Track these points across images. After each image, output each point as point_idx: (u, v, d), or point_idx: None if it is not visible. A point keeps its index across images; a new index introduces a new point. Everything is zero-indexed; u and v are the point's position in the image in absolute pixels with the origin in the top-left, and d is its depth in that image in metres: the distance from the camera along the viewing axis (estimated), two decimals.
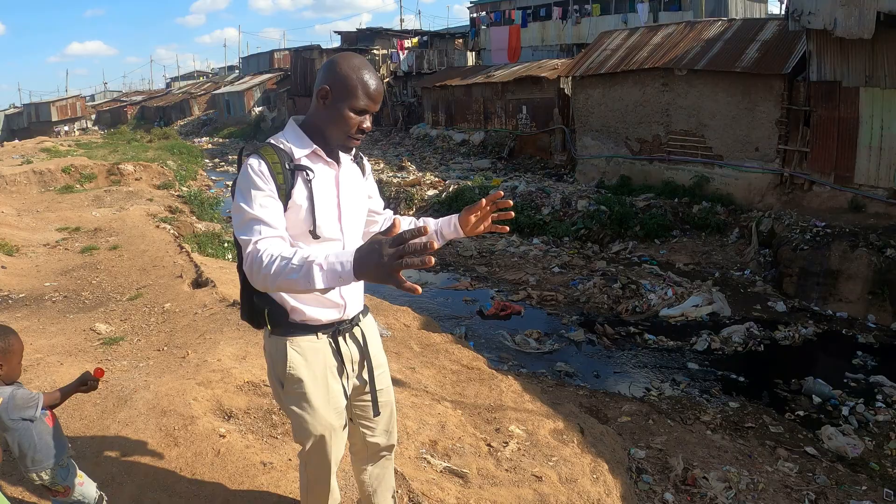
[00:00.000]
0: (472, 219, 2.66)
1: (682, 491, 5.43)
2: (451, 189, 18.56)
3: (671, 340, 9.30)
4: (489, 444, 4.77)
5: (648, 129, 16.51)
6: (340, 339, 2.61)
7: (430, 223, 2.76)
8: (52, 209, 14.48)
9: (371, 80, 2.34)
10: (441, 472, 4.23)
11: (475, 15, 31.24)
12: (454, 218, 2.71)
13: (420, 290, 1.82)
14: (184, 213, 14.69)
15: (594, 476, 4.60)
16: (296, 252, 2.03)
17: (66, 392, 3.17)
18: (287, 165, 2.36)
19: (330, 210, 2.45)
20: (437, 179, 20.25)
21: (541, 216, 15.28)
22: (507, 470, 4.44)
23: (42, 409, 2.91)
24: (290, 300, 2.50)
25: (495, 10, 29.70)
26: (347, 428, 2.77)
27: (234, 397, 4.71)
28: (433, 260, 1.72)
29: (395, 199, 18.59)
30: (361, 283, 2.53)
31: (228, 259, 10.91)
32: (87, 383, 3.19)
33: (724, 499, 5.33)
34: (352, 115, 2.34)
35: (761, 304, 10.43)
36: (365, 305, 2.76)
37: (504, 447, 4.77)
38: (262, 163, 2.31)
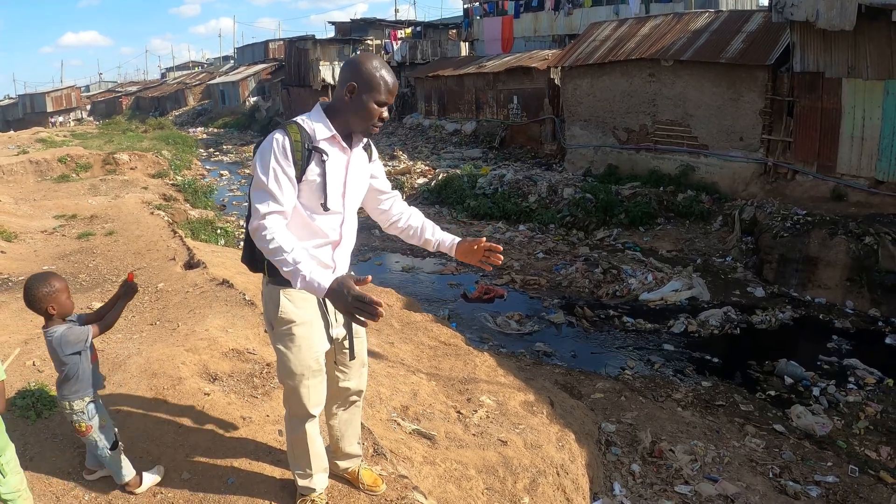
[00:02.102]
0: (468, 248, 3.01)
1: (648, 463, 5.54)
2: (440, 177, 18.65)
3: (649, 323, 9.38)
4: (459, 412, 4.92)
5: (636, 119, 16.55)
6: None
7: (431, 231, 3.11)
8: (48, 198, 14.59)
9: (390, 78, 2.71)
10: (410, 433, 4.38)
11: (469, 5, 31.16)
12: (455, 240, 3.08)
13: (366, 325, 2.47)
14: (178, 201, 14.83)
15: (560, 444, 4.71)
16: (293, 248, 2.56)
17: (110, 310, 3.39)
18: (307, 145, 2.72)
19: (336, 189, 2.80)
20: (427, 168, 20.31)
21: (527, 204, 15.36)
22: (474, 434, 4.58)
23: (90, 343, 3.17)
24: None
25: (489, 0, 29.66)
26: (325, 381, 3.04)
27: (219, 362, 4.93)
28: (378, 320, 2.34)
29: None
30: (349, 247, 2.97)
31: (221, 244, 11.22)
32: (127, 292, 3.39)
33: (689, 470, 5.43)
34: (374, 106, 2.69)
35: (741, 290, 10.51)
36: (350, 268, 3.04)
37: (473, 414, 4.91)
38: (286, 139, 2.68)
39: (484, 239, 3.01)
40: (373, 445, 3.88)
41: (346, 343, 3.11)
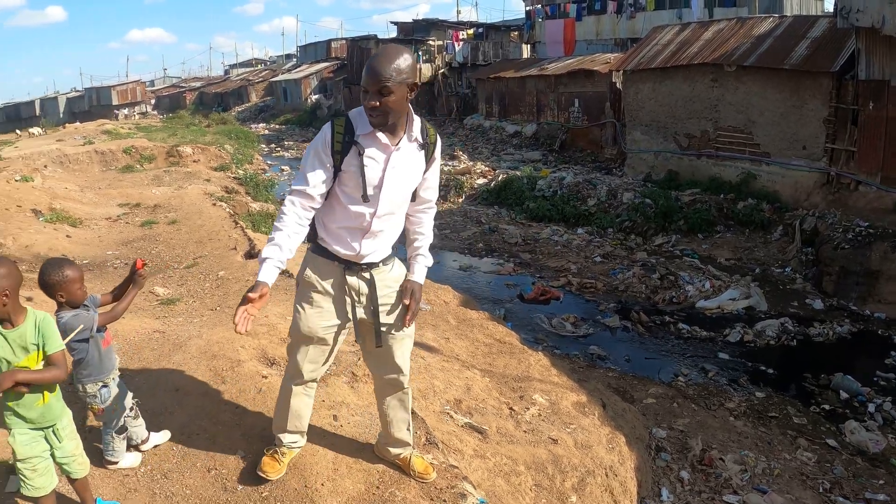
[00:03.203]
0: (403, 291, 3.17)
1: (698, 470, 5.57)
2: (499, 178, 18.77)
3: (705, 331, 9.34)
4: (511, 408, 4.99)
5: (697, 125, 16.37)
6: (350, 272, 3.09)
7: (413, 254, 3.25)
8: (113, 186, 14.89)
9: (372, 65, 2.75)
10: (462, 426, 4.46)
11: (531, 7, 31.06)
12: (409, 277, 3.20)
13: (243, 330, 2.71)
14: (239, 194, 14.98)
15: (610, 446, 4.79)
16: (284, 230, 2.91)
17: (120, 295, 3.50)
18: (347, 137, 2.89)
19: (370, 181, 2.91)
20: (487, 169, 20.43)
21: (586, 207, 15.39)
22: (525, 431, 4.66)
23: (98, 329, 3.27)
24: (323, 231, 3.11)
25: (551, 3, 29.56)
26: (328, 352, 3.24)
27: (277, 348, 5.03)
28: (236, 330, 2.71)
29: (445, 186, 18.83)
30: (383, 240, 3.11)
31: None
32: (134, 278, 3.50)
33: (738, 480, 5.46)
34: (362, 95, 2.80)
35: (799, 301, 10.37)
36: (394, 263, 3.20)
37: (525, 412, 4.99)
38: (330, 129, 2.90)
39: (407, 301, 3.15)
40: (425, 435, 3.97)
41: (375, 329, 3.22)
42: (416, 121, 3.03)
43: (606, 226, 14.41)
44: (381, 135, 2.88)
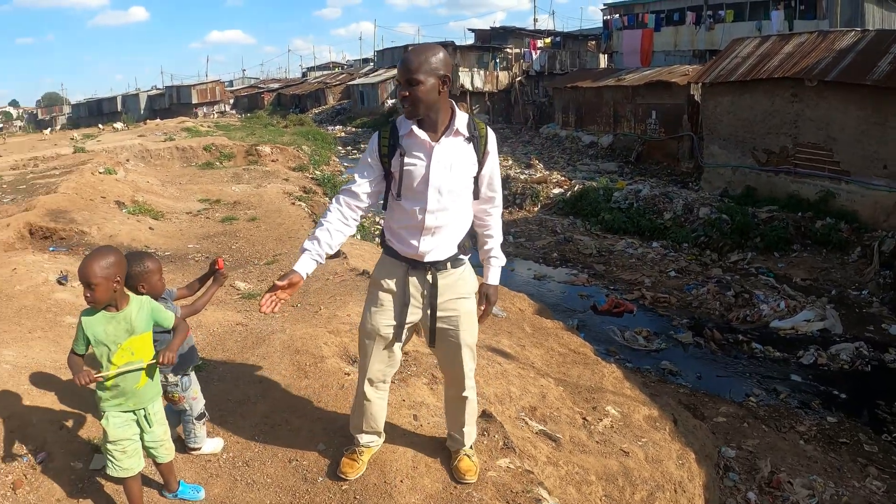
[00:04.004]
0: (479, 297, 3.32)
1: (765, 492, 5.61)
2: (576, 189, 18.77)
3: (778, 352, 9.30)
4: (584, 418, 5.04)
5: (776, 140, 16.12)
6: (414, 272, 3.20)
7: (485, 255, 3.39)
8: (193, 182, 15.04)
9: (401, 58, 2.98)
10: (536, 433, 4.50)
11: (608, 17, 30.90)
12: (485, 282, 3.37)
13: (268, 311, 2.99)
14: (317, 194, 14.96)
15: (680, 462, 4.90)
16: (325, 224, 3.15)
17: (199, 288, 3.69)
18: (392, 141, 3.07)
19: (415, 179, 3.05)
20: (563, 179, 20.48)
21: (662, 221, 15.32)
22: (597, 442, 4.72)
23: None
24: (388, 233, 3.27)
25: (629, 12, 29.38)
26: (393, 351, 3.32)
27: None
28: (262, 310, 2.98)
29: (521, 195, 18.99)
30: (443, 237, 3.16)
31: (357, 238, 11.27)
32: (215, 272, 3.65)
33: None
34: (397, 89, 3.07)
35: (875, 326, 10.18)
36: (463, 268, 3.28)
37: (598, 422, 5.04)
38: (377, 136, 3.14)
39: (483, 308, 3.31)
40: (503, 439, 3.97)
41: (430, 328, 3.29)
42: (461, 115, 3.08)
43: (682, 240, 14.34)
44: (420, 132, 2.99)
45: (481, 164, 3.13)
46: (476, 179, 3.16)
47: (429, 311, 3.23)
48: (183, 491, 3.48)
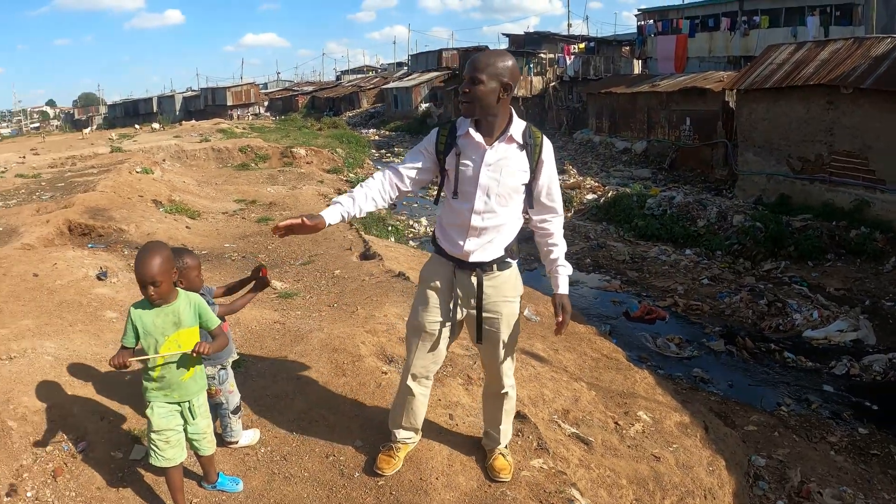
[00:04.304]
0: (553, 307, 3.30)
1: (795, 502, 5.60)
2: (609, 195, 18.84)
3: (810, 361, 9.27)
4: (616, 423, 5.09)
5: (811, 148, 15.99)
6: (460, 271, 3.27)
7: (551, 265, 3.36)
8: (229, 183, 15.18)
9: (471, 57, 3.13)
10: (569, 436, 4.55)
11: (642, 22, 30.74)
12: (554, 291, 3.31)
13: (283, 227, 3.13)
14: None
15: (710, 469, 4.93)
16: (361, 190, 3.20)
17: (237, 290, 3.77)
18: (449, 140, 3.15)
19: (467, 179, 3.13)
20: (596, 185, 20.55)
21: (695, 228, 15.30)
22: (629, 446, 4.74)
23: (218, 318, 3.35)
24: (439, 231, 3.36)
25: (663, 18, 29.24)
26: (438, 348, 3.38)
27: (396, 346, 5.18)
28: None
29: None
30: (489, 239, 3.20)
31: (391, 241, 11.48)
32: (258, 279, 3.71)
33: None
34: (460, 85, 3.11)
35: None
36: (509, 272, 3.32)
37: (629, 427, 5.07)
38: (437, 131, 3.24)
39: (560, 319, 3.24)
40: (537, 440, 4.04)
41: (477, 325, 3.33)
42: (518, 123, 3.12)
43: (715, 248, 14.30)
44: (475, 134, 3.06)
45: (535, 172, 3.15)
46: (531, 189, 3.19)
47: (473, 311, 3.29)
48: (222, 483, 3.55)
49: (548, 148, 3.18)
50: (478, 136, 3.06)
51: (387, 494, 3.48)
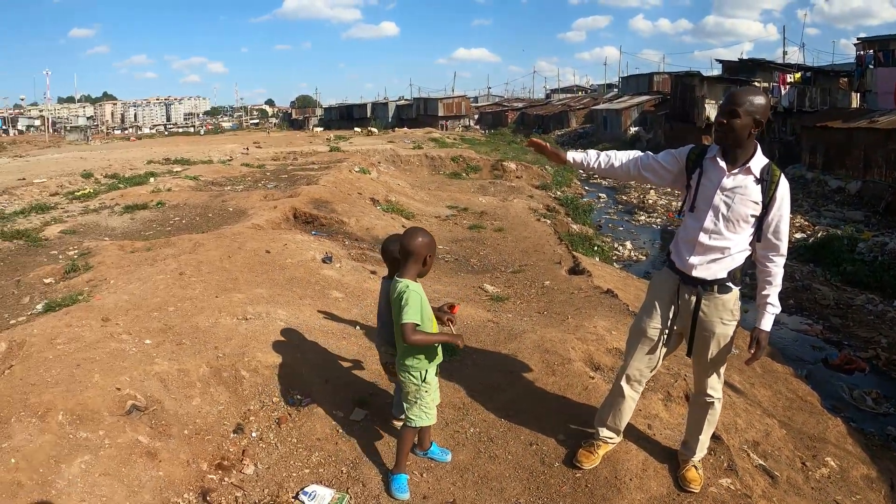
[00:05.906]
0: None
1: None
2: (819, 235, 18.09)
3: None
4: (804, 463, 4.99)
5: None
6: (684, 285, 3.48)
7: (762, 300, 3.46)
8: (441, 189, 15.34)
9: (730, 91, 3.29)
10: (756, 466, 4.47)
11: (861, 52, 28.63)
12: (755, 328, 3.43)
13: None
14: (560, 214, 14.85)
15: None
16: (609, 153, 3.52)
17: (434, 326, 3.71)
18: (699, 159, 3.41)
19: (703, 198, 3.36)
20: (806, 223, 19.76)
21: None
22: (812, 488, 4.64)
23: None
24: (672, 244, 3.59)
25: (884, 48, 27.14)
26: (655, 354, 3.54)
27: (603, 356, 5.31)
28: None
29: None
30: (713, 259, 3.35)
31: (597, 260, 11.39)
32: (445, 316, 3.72)
33: None
34: (716, 114, 3.36)
35: None
36: (730, 295, 3.43)
37: (816, 470, 4.95)
38: (689, 148, 3.50)
39: (753, 352, 3.36)
40: (728, 460, 4.07)
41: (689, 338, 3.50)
42: (760, 158, 3.26)
43: None
44: (720, 160, 3.27)
45: (767, 207, 3.26)
46: (761, 223, 3.30)
47: (689, 325, 3.47)
48: (433, 451, 3.79)
49: (783, 187, 3.28)
50: (722, 163, 3.29)
51: (582, 486, 3.61)
